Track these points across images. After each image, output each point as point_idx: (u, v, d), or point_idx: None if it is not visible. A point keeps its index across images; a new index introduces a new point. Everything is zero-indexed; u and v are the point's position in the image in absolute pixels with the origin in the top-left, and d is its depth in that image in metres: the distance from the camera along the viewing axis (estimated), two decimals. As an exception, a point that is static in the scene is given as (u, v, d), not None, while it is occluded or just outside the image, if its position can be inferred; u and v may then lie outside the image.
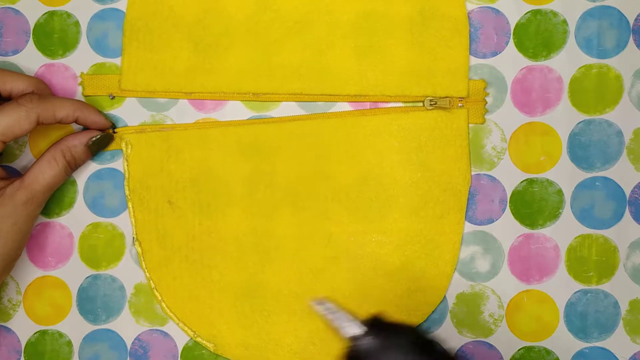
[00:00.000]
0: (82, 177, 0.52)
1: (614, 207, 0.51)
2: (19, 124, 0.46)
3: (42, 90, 0.49)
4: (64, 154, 0.48)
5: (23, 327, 0.52)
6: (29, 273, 0.52)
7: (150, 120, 0.52)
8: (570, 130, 0.51)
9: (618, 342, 0.50)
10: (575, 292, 0.51)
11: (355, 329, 0.41)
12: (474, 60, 0.51)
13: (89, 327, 0.52)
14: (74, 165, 0.49)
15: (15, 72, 0.49)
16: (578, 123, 0.51)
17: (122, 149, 0.51)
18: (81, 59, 0.52)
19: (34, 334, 0.52)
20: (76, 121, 0.49)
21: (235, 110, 0.51)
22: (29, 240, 0.51)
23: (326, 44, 0.51)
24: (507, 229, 0.51)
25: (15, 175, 0.50)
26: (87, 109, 0.49)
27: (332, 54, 0.51)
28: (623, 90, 0.51)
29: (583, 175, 0.51)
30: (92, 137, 0.49)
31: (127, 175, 0.51)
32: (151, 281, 0.51)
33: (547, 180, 0.51)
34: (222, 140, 0.51)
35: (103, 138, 0.50)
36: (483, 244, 0.51)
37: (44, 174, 0.48)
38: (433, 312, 0.51)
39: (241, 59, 0.51)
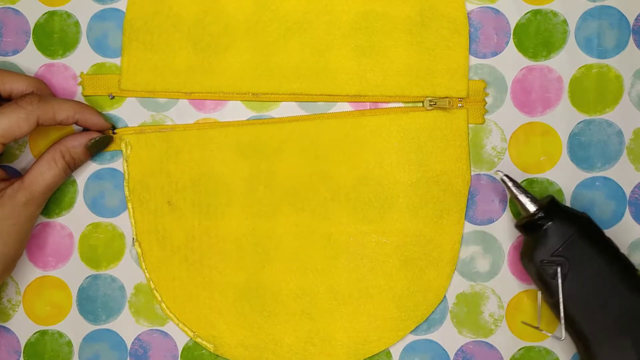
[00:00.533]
0: (82, 177, 0.52)
1: (614, 207, 0.51)
2: (19, 125, 0.46)
3: (42, 90, 0.49)
4: (64, 155, 0.48)
5: (23, 327, 0.52)
6: (28, 273, 0.52)
7: (150, 120, 0.52)
8: (570, 130, 0.51)
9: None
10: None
11: (533, 207, 0.47)
12: (473, 60, 0.51)
13: (89, 327, 0.52)
14: (73, 166, 0.49)
15: (15, 72, 0.49)
16: (578, 123, 0.51)
17: (121, 150, 0.51)
18: (81, 59, 0.52)
19: (34, 334, 0.52)
20: (76, 123, 0.49)
21: (235, 110, 0.51)
22: (29, 240, 0.51)
23: (325, 44, 0.51)
24: (507, 228, 0.51)
25: (15, 175, 0.50)
26: (87, 110, 0.49)
27: (331, 54, 0.51)
28: (623, 90, 0.50)
29: (583, 175, 0.51)
30: (92, 139, 0.49)
31: (126, 176, 0.51)
32: (151, 281, 0.51)
33: (547, 180, 0.51)
34: (222, 141, 0.51)
35: (102, 139, 0.50)
36: (483, 244, 0.51)
37: (43, 175, 0.48)
38: (433, 312, 0.51)
39: (240, 59, 0.51)
